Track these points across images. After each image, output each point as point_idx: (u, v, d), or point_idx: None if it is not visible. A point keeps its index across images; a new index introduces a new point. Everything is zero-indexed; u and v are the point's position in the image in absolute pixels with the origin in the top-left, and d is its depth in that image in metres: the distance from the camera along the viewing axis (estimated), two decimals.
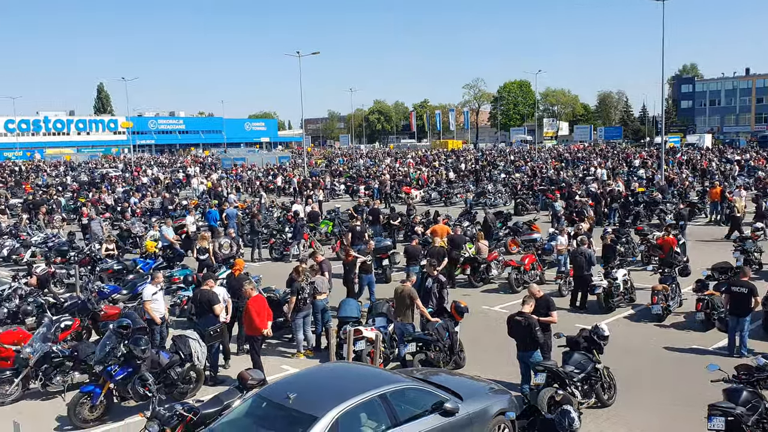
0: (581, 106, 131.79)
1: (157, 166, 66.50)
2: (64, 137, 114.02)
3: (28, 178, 55.34)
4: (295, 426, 7.12)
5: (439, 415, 7.87)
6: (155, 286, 12.71)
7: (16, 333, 12.07)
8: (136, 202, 32.08)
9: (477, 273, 18.02)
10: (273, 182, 44.49)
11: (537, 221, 24.25)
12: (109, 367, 10.16)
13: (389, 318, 12.64)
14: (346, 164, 63.50)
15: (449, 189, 38.29)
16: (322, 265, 14.43)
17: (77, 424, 9.94)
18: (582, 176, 40.84)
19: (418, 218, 23.78)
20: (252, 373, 9.37)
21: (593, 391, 10.08)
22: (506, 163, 55.29)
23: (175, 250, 20.20)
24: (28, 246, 22.38)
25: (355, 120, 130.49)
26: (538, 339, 10.21)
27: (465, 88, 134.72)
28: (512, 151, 77.32)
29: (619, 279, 15.53)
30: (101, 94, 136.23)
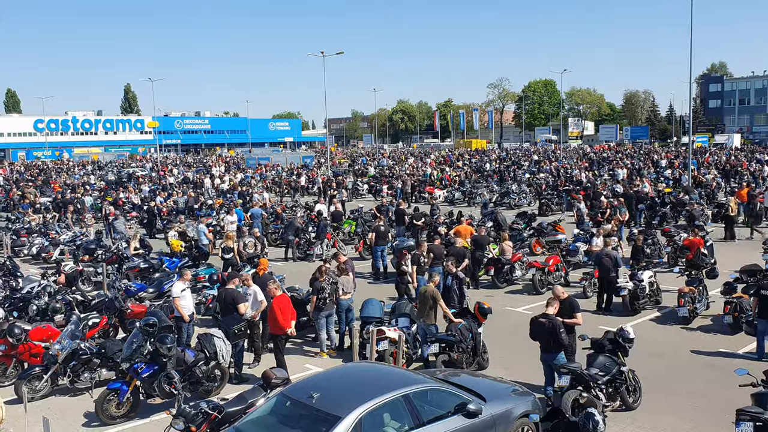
0: (607, 106, 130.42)
1: (183, 165, 67.08)
2: (92, 137, 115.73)
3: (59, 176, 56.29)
4: (318, 425, 7.17)
5: (462, 417, 7.86)
6: (184, 283, 12.87)
7: (45, 330, 12.26)
8: (162, 201, 32.42)
9: (501, 274, 17.93)
10: (297, 182, 44.70)
11: (562, 222, 24.06)
12: (136, 364, 10.29)
13: (412, 318, 12.64)
14: (369, 163, 63.54)
15: (473, 189, 38.15)
16: (346, 265, 14.47)
17: (104, 420, 10.08)
18: (609, 177, 40.41)
19: (442, 218, 23.73)
20: (276, 372, 9.43)
21: (618, 394, 9.99)
22: (530, 163, 54.93)
23: (201, 249, 20.38)
24: (56, 244, 22.73)
25: (379, 120, 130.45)
26: (562, 341, 10.14)
27: (489, 87, 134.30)
28: (537, 151, 76.75)
29: (645, 281, 15.35)
30: (128, 95, 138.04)
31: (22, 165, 78.36)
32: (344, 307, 13.38)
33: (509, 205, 33.87)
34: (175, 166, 65.04)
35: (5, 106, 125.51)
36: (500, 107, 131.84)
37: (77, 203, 33.10)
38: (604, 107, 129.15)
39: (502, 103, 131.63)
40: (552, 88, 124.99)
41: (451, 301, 12.91)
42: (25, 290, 15.50)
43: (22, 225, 26.83)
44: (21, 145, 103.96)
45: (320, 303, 12.83)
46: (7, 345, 11.75)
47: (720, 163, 47.02)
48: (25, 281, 16.63)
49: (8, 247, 23.81)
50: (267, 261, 15.52)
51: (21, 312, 14.30)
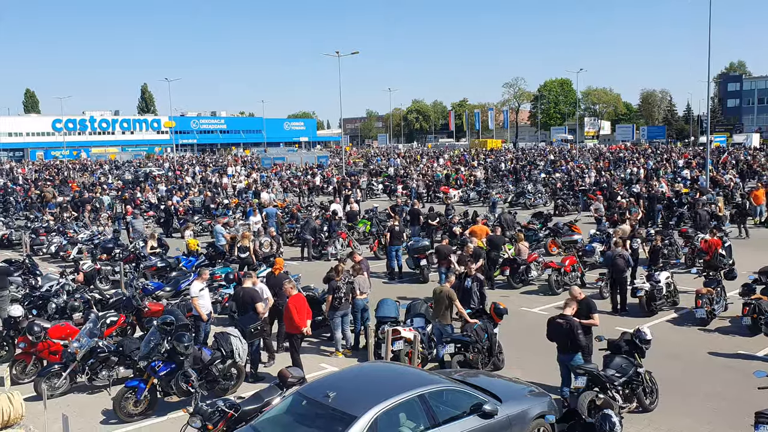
0: (623, 105, 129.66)
1: (200, 165, 67.47)
2: (109, 136, 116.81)
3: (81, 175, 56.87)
4: (334, 424, 7.19)
5: (477, 417, 7.85)
6: (202, 283, 12.98)
7: (64, 328, 12.37)
8: (179, 201, 32.65)
9: (516, 274, 17.88)
10: (312, 181, 44.84)
11: (578, 222, 23.94)
12: (153, 362, 10.36)
13: (427, 318, 12.64)
14: (383, 163, 63.62)
15: (488, 189, 38.04)
16: (361, 265, 14.49)
17: (122, 418, 10.16)
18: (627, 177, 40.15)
19: (457, 218, 23.70)
20: (292, 371, 9.47)
21: (635, 396, 9.92)
22: (546, 163, 54.69)
23: (217, 248, 20.50)
24: (74, 243, 22.96)
25: (394, 119, 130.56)
26: (579, 342, 10.09)
27: (505, 86, 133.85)
28: (552, 151, 76.41)
29: (662, 282, 15.24)
30: (145, 95, 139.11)
31: (41, 164, 79.17)
32: (359, 306, 13.41)
33: (524, 205, 33.74)
34: (191, 165, 65.40)
35: (24, 106, 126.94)
36: (516, 107, 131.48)
37: (95, 202, 33.42)
38: (621, 107, 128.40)
39: (517, 103, 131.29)
40: (568, 87, 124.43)
41: (471, 303, 12.87)
42: (44, 288, 15.67)
43: (40, 224, 27.11)
44: (39, 145, 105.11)
45: (336, 302, 12.87)
46: (27, 343, 11.88)
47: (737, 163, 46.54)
48: (44, 280, 16.82)
49: (27, 245, 24.07)
50: (282, 260, 15.58)
51: (40, 310, 14.45)
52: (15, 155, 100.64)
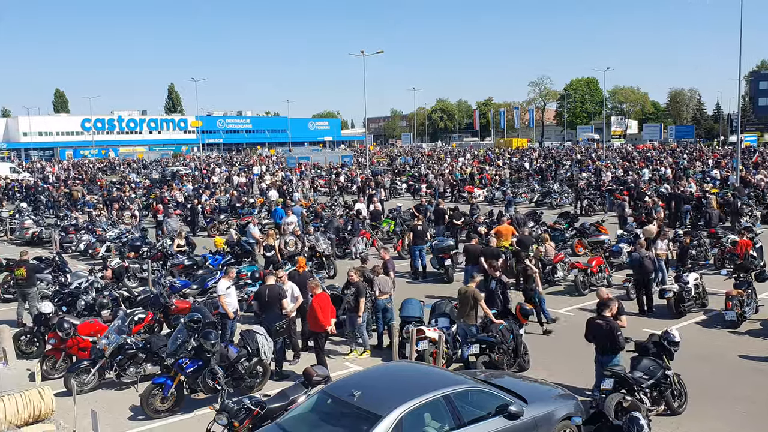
0: (651, 104, 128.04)
1: (226, 164, 68.01)
2: (137, 136, 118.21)
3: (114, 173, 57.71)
4: (359, 423, 7.20)
5: (503, 418, 7.81)
6: (229, 281, 13.08)
7: (93, 325, 12.56)
8: (207, 199, 32.97)
9: (542, 275, 17.72)
10: (336, 180, 44.94)
11: (605, 222, 23.69)
12: (181, 359, 10.47)
13: (452, 318, 12.59)
14: (408, 163, 63.59)
15: (513, 188, 37.82)
16: (387, 264, 14.48)
17: (149, 414, 10.27)
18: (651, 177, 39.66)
19: (482, 218, 23.58)
20: (317, 370, 9.50)
21: (663, 399, 9.79)
22: (572, 163, 54.19)
23: (243, 247, 20.64)
24: (103, 241, 23.26)
25: (418, 119, 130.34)
26: (619, 344, 9.92)
27: (530, 85, 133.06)
28: (579, 150, 75.70)
29: (691, 283, 15.02)
30: (172, 95, 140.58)
31: (70, 163, 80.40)
32: (380, 307, 13.38)
33: (550, 204, 33.48)
34: (217, 165, 65.96)
35: (54, 106, 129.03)
36: (541, 106, 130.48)
37: (125, 200, 33.86)
38: (648, 106, 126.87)
39: (543, 102, 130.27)
40: (594, 86, 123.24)
41: (495, 305, 12.79)
42: (73, 286, 15.92)
43: (70, 222, 27.54)
44: (69, 144, 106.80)
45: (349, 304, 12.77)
46: (57, 339, 12.08)
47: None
48: (73, 277, 17.08)
49: (57, 243, 24.47)
50: (305, 259, 15.64)
51: (69, 307, 14.68)
52: (45, 154, 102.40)
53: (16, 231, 28.02)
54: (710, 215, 22.57)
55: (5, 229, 29.19)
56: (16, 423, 9.33)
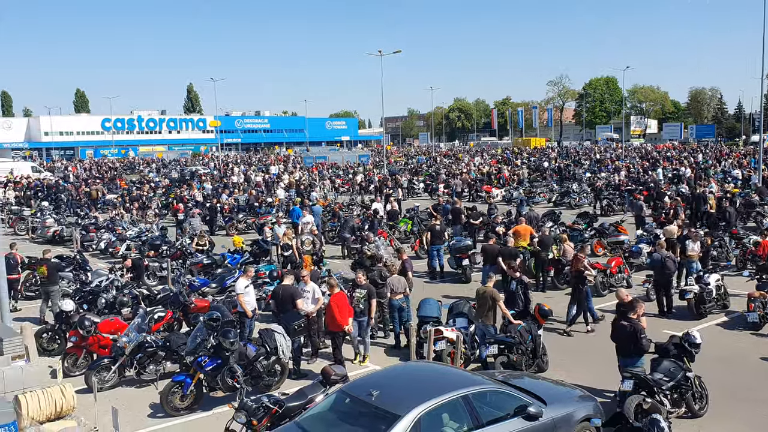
0: (671, 103, 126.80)
1: (244, 164, 68.35)
2: (156, 135, 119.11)
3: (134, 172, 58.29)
4: (377, 423, 7.21)
5: (522, 419, 7.79)
6: (247, 280, 13.15)
7: (113, 323, 12.68)
8: (227, 198, 33.20)
9: (561, 275, 17.63)
10: (363, 180, 45.01)
11: (624, 223, 23.50)
12: (200, 357, 10.54)
13: (470, 319, 12.55)
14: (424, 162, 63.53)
15: (531, 188, 37.65)
16: (405, 264, 14.46)
17: (169, 412, 10.35)
18: (671, 177, 39.29)
19: (500, 218, 23.49)
20: (335, 369, 9.52)
21: (683, 401, 9.70)
22: (591, 162, 53.82)
23: (262, 246, 20.73)
24: (123, 240, 23.48)
25: (435, 118, 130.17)
26: (642, 346, 9.82)
27: (549, 84, 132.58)
28: (598, 150, 75.16)
29: (712, 284, 14.86)
30: (190, 94, 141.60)
31: (91, 162, 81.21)
32: (395, 307, 13.38)
33: (569, 204, 33.28)
34: (236, 164, 66.34)
35: (75, 106, 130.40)
36: (560, 105, 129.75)
37: (144, 200, 34.15)
38: (668, 105, 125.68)
39: (562, 101, 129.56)
40: (614, 85, 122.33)
41: (515, 306, 12.73)
42: (94, 284, 16.05)
43: (90, 221, 27.83)
44: (89, 144, 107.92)
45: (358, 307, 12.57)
46: (78, 337, 12.21)
47: None
48: (94, 275, 17.24)
49: (78, 242, 24.74)
50: (310, 258, 15.62)
51: (90, 305, 14.80)
52: (66, 154, 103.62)
53: (37, 229, 28.38)
54: (729, 213, 22.32)
55: (27, 228, 29.57)
56: (38, 419, 9.45)
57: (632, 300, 10.69)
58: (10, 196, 39.85)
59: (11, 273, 15.78)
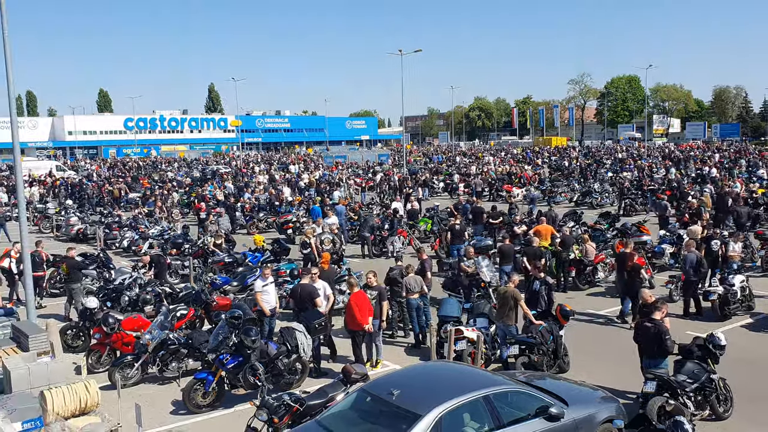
0: (694, 102, 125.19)
1: (265, 163, 68.68)
2: (178, 135, 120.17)
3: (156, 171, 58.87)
4: (398, 422, 7.21)
5: (543, 420, 7.75)
6: (264, 280, 13.21)
7: (136, 320, 12.81)
8: (249, 197, 33.42)
9: (583, 275, 17.51)
10: (372, 179, 45.00)
11: (647, 223, 23.26)
12: (222, 355, 10.62)
13: (491, 319, 12.50)
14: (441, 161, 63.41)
15: (553, 188, 37.42)
16: (425, 264, 14.44)
17: (191, 409, 10.44)
18: (695, 176, 38.82)
19: (518, 218, 23.36)
20: (356, 368, 9.55)
21: (707, 403, 9.58)
22: (613, 162, 53.34)
23: (281, 245, 20.83)
24: (146, 238, 23.72)
25: (455, 117, 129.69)
26: (667, 348, 9.70)
27: (570, 83, 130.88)
28: (620, 149, 74.46)
29: (737, 285, 14.67)
30: (212, 94, 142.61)
31: (113, 161, 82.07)
32: (413, 306, 13.37)
33: (591, 204, 33.02)
34: (256, 164, 66.72)
35: (98, 105, 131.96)
36: (581, 104, 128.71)
37: (166, 199, 34.46)
38: (692, 104, 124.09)
39: (583, 100, 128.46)
40: (636, 84, 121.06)
41: (539, 307, 12.66)
42: (117, 281, 16.23)
43: (113, 219, 28.15)
44: (112, 143, 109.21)
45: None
46: (102, 334, 12.36)
47: None
48: (117, 273, 17.44)
49: (101, 240, 25.04)
50: (329, 255, 15.65)
51: (114, 302, 14.98)
52: (89, 153, 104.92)
53: (62, 227, 28.76)
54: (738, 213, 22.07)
55: (52, 226, 29.99)
56: (63, 415, 9.57)
57: (655, 301, 10.58)
58: (36, 193, 40.39)
59: (36, 270, 16.03)
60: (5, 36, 12.77)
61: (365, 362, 12.11)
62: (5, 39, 12.78)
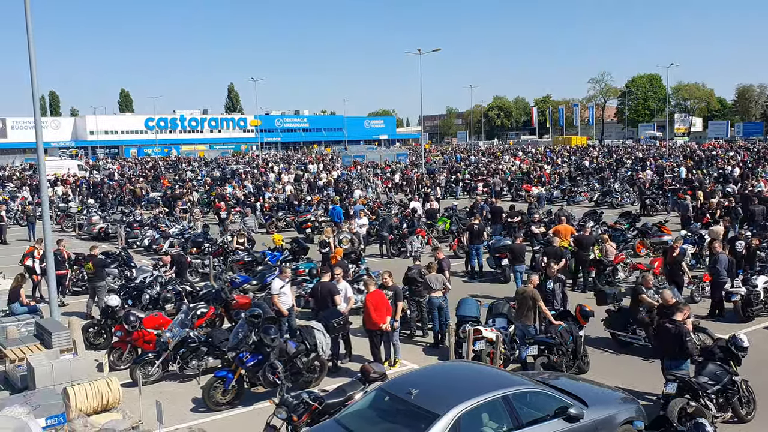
0: (717, 101, 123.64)
1: (284, 163, 68.99)
2: (198, 134, 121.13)
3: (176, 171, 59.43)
4: (417, 422, 7.21)
5: (563, 420, 7.71)
6: (283, 281, 13.25)
7: (157, 318, 12.92)
8: (269, 197, 33.60)
9: (602, 276, 17.38)
10: (391, 179, 44.99)
11: (668, 223, 23.05)
12: (241, 353, 10.68)
13: (509, 319, 12.46)
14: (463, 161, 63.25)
15: (572, 187, 37.18)
16: (442, 263, 14.42)
17: (211, 406, 10.51)
18: (717, 176, 38.38)
19: (537, 217, 23.25)
20: (374, 367, 9.56)
21: (729, 405, 9.47)
22: (634, 161, 52.88)
23: (300, 244, 20.92)
24: (166, 237, 23.94)
25: (474, 116, 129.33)
26: (688, 349, 9.57)
27: (590, 82, 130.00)
28: (641, 148, 73.83)
29: (760, 286, 14.48)
30: (231, 94, 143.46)
31: (134, 161, 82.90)
32: (435, 304, 13.36)
33: (611, 204, 32.77)
34: (275, 163, 67.05)
35: (119, 105, 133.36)
36: (602, 103, 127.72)
37: (187, 199, 34.75)
38: (714, 102, 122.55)
39: (603, 99, 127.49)
40: (657, 82, 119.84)
41: (554, 305, 12.61)
42: (138, 280, 16.43)
43: (135, 218, 28.44)
44: (133, 142, 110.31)
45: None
46: (123, 331, 12.49)
47: None
48: (138, 271, 17.64)
49: (123, 238, 25.30)
50: (342, 250, 15.65)
51: (135, 300, 15.16)
52: (111, 152, 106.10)
53: (84, 226, 29.11)
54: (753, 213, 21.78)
55: (74, 225, 30.37)
56: (85, 411, 9.71)
57: (676, 302, 10.48)
58: (58, 193, 40.93)
59: (59, 269, 16.26)
60: (30, 39, 12.98)
61: (383, 361, 12.10)
62: (30, 42, 12.99)
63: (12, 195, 40.44)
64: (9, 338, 12.88)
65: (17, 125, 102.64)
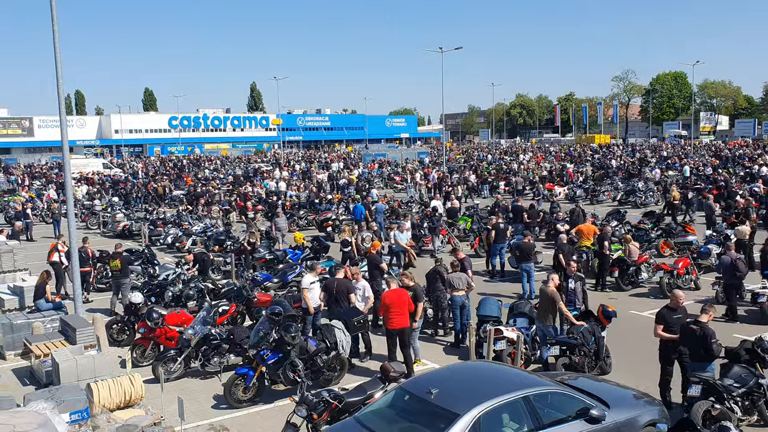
0: (744, 99, 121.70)
1: (305, 161, 69.25)
2: (221, 133, 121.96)
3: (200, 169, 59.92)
4: (436, 421, 7.18)
5: (584, 422, 7.63)
6: (314, 276, 13.28)
7: (179, 315, 13.04)
8: (291, 195, 33.73)
9: (626, 276, 17.20)
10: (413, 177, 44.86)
11: (693, 222, 22.73)
12: (262, 351, 10.73)
13: (531, 319, 12.38)
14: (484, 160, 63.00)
15: (596, 186, 36.84)
16: (464, 263, 14.36)
17: (232, 403, 10.57)
18: (743, 175, 37.78)
19: (561, 215, 23.07)
20: (394, 366, 9.55)
21: (755, 408, 9.30)
22: (659, 160, 52.26)
23: (321, 242, 20.97)
24: (189, 235, 24.15)
25: (496, 114, 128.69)
26: (713, 351, 9.43)
27: (614, 80, 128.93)
28: (665, 147, 72.93)
29: None
30: (253, 93, 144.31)
31: (158, 159, 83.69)
32: (458, 303, 13.30)
33: (635, 203, 32.41)
34: (297, 162, 67.32)
35: (143, 104, 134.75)
36: (626, 101, 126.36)
37: (208, 196, 35.01)
38: (741, 100, 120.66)
39: (627, 97, 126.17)
40: (682, 80, 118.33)
41: (576, 303, 12.49)
42: (161, 277, 16.59)
43: (158, 216, 28.72)
44: (157, 141, 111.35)
45: None
46: (146, 328, 12.59)
47: None
48: (161, 269, 17.80)
49: (146, 236, 25.56)
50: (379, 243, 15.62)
51: (158, 297, 15.31)
52: (135, 150, 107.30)
53: (108, 224, 29.46)
54: None
55: (99, 222, 30.75)
56: (108, 407, 9.82)
57: (703, 304, 10.31)
58: (83, 189, 41.46)
59: (83, 266, 16.49)
60: (56, 39, 13.16)
61: (414, 361, 12.04)
62: (56, 42, 13.16)
63: (38, 193, 41.04)
64: (34, 334, 13.10)
65: (44, 124, 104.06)
